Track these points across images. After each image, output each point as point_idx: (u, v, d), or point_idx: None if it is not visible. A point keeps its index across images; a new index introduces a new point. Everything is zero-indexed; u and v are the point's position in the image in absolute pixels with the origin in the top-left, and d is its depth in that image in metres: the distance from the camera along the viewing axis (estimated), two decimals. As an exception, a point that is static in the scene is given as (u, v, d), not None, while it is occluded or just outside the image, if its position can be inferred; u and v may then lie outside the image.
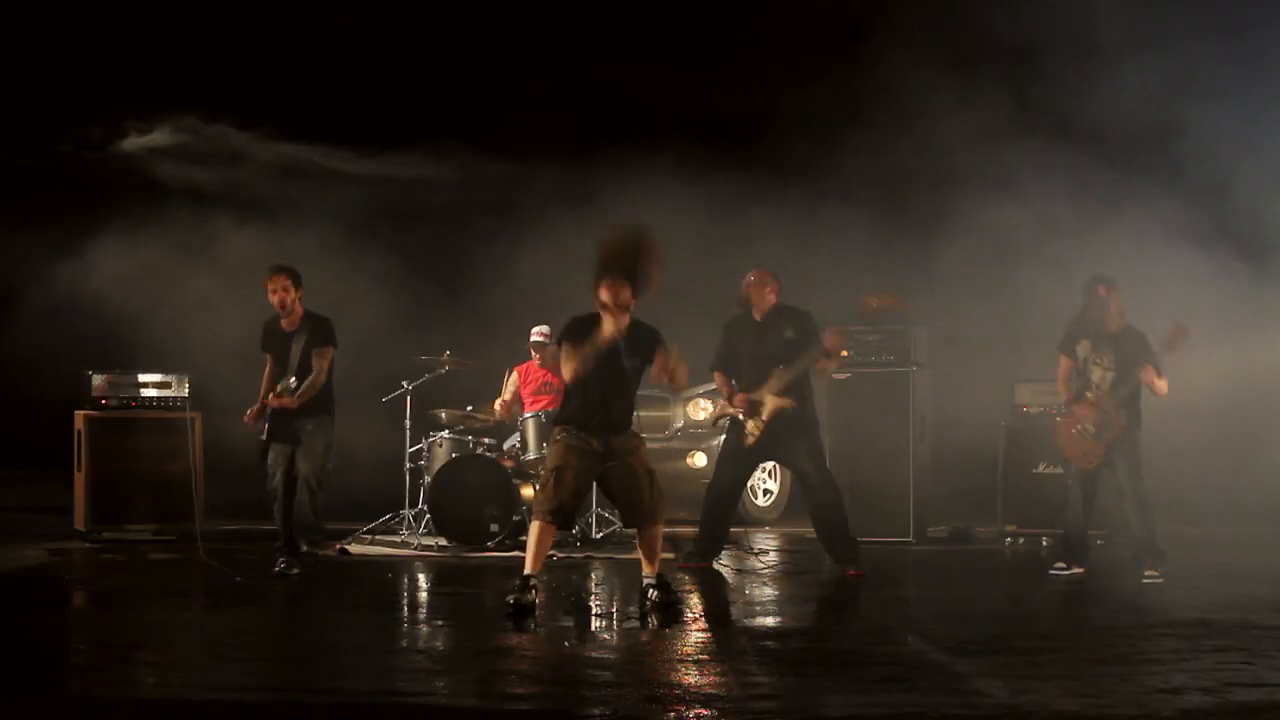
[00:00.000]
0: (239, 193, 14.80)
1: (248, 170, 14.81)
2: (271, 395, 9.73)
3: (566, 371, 8.56)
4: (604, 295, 8.44)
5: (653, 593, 8.67)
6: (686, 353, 8.83)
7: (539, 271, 14.26)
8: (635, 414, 12.70)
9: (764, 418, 10.12)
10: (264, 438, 9.70)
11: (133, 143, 14.73)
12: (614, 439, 8.63)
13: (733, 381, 10.32)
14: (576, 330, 8.53)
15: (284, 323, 9.93)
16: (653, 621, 8.42)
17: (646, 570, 8.75)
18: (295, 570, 9.75)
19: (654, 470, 8.82)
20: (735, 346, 10.38)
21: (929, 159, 13.75)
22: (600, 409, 8.58)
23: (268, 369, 9.98)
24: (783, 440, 10.21)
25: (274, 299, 9.87)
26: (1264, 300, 12.63)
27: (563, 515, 8.58)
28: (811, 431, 10.35)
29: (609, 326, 8.45)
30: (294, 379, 9.73)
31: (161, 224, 14.40)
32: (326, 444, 9.85)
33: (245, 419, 9.80)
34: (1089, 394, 10.05)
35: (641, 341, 8.62)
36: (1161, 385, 9.92)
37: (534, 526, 8.65)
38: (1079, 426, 10.08)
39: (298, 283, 9.90)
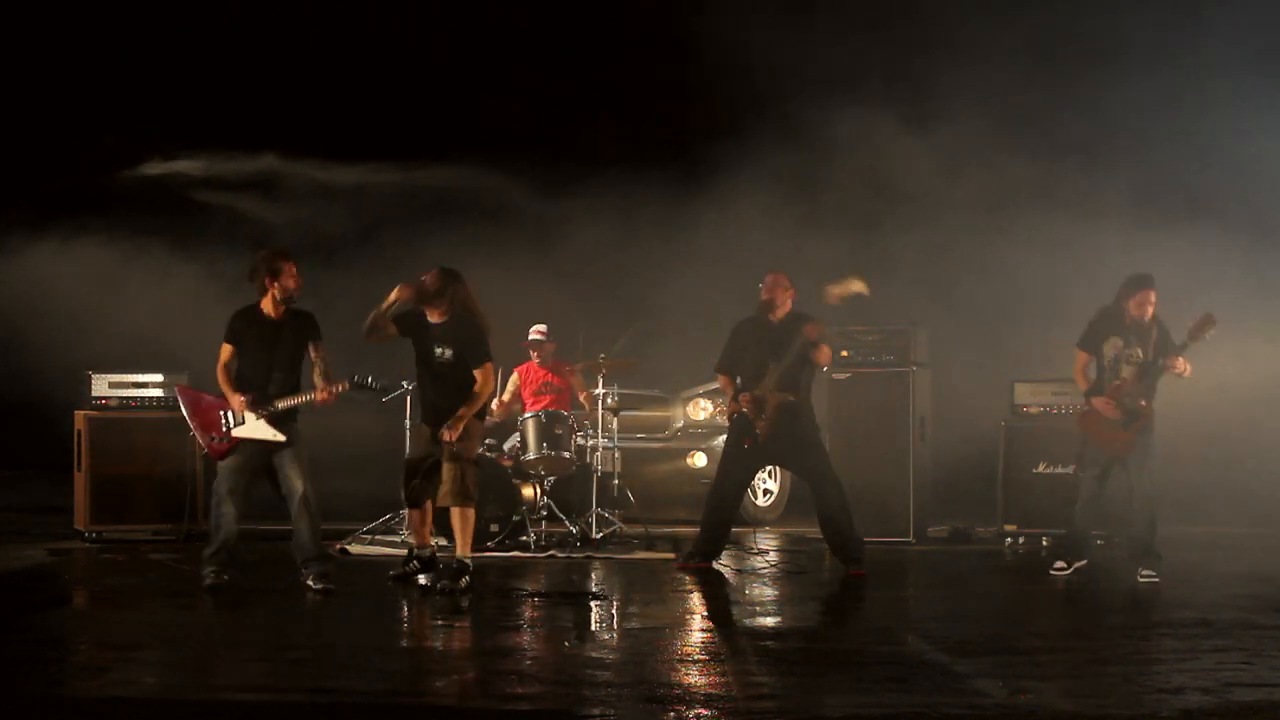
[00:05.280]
0: (243, 198, 14.90)
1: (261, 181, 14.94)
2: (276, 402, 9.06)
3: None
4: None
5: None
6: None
7: (537, 272, 14.30)
8: (636, 414, 12.85)
9: (768, 414, 10.14)
10: (227, 440, 9.15)
11: (156, 167, 14.84)
12: None
13: (737, 382, 10.33)
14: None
15: (274, 311, 9.18)
16: None
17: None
18: (224, 578, 9.17)
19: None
20: (744, 348, 10.38)
21: (924, 160, 13.79)
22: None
23: (229, 360, 9.20)
24: (786, 442, 10.23)
25: (293, 283, 9.14)
26: (1265, 299, 12.66)
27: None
28: (814, 433, 10.37)
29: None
30: (274, 385, 9.12)
31: (161, 224, 14.47)
32: (308, 454, 9.26)
33: (239, 407, 9.06)
34: (1120, 378, 9.94)
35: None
36: (1186, 369, 9.83)
37: None
38: (1107, 417, 9.99)
39: None
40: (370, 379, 9.55)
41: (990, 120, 13.69)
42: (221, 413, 9.22)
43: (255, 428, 9.15)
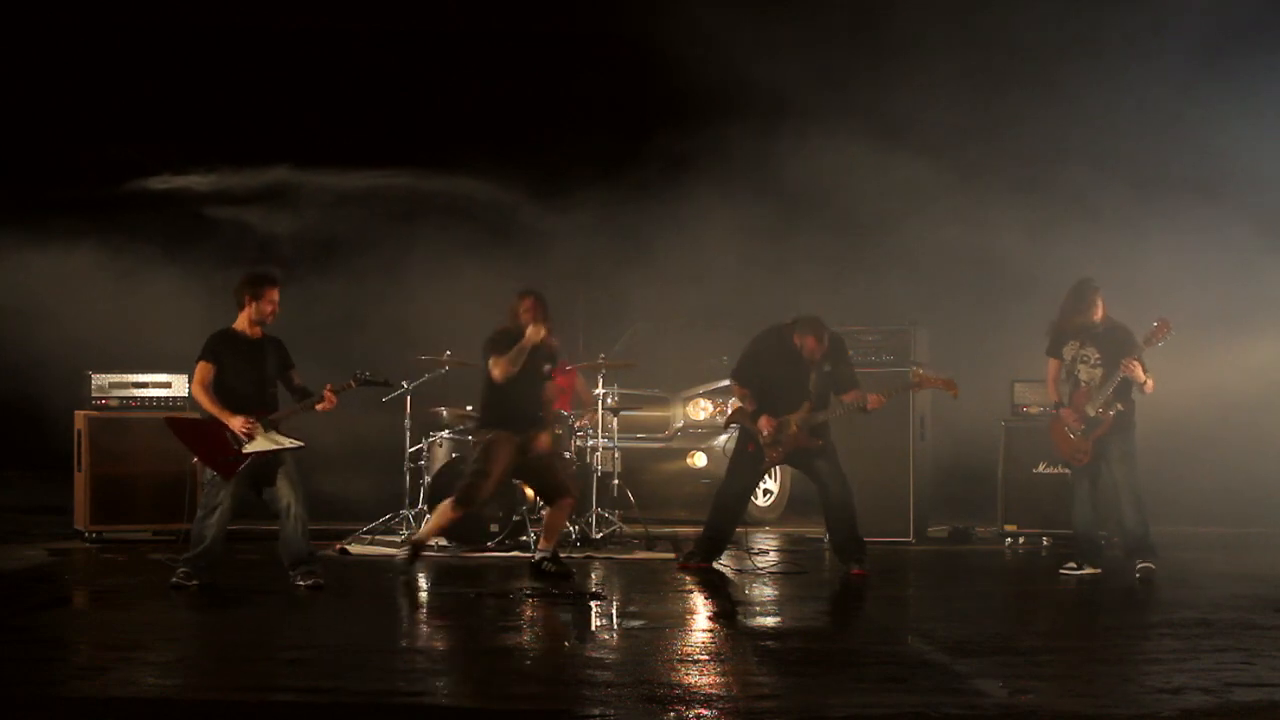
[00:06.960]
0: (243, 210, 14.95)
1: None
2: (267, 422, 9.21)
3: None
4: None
5: None
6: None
7: (535, 274, 14.29)
8: (636, 414, 12.85)
9: (786, 446, 10.20)
10: (236, 459, 9.17)
11: (164, 182, 14.88)
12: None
13: (750, 395, 10.33)
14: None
15: (250, 330, 9.36)
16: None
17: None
18: (193, 581, 9.22)
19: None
20: (764, 363, 10.36)
21: (923, 161, 13.80)
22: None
23: (211, 380, 9.25)
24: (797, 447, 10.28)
25: (270, 308, 9.33)
26: (1264, 297, 12.66)
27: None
28: (824, 434, 10.38)
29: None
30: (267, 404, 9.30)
31: (160, 226, 14.48)
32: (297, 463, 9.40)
33: (242, 428, 9.11)
34: (1084, 386, 10.08)
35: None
36: (1148, 382, 9.93)
37: None
38: (1067, 426, 10.14)
39: None
40: (370, 373, 9.62)
41: (989, 120, 13.68)
42: (227, 433, 9.23)
43: (268, 440, 9.21)
